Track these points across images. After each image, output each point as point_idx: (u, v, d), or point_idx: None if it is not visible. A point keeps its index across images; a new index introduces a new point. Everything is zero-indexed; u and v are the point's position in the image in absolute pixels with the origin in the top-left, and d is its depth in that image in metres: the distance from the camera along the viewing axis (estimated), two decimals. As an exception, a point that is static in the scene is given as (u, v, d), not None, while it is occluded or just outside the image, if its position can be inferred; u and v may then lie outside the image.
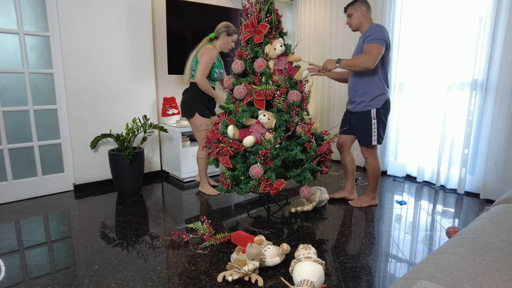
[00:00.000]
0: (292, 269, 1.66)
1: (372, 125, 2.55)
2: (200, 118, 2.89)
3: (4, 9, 2.66)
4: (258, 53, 2.39)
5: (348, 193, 2.90)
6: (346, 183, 2.91)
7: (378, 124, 2.55)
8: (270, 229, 2.32)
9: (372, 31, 2.40)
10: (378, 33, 2.38)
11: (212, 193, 3.02)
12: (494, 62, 2.80)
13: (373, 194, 2.77)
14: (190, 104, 2.88)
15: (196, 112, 2.88)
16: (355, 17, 2.54)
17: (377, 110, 2.54)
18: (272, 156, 2.23)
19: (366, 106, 2.55)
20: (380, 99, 2.53)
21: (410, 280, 0.84)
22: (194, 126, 2.94)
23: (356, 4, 2.52)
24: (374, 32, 2.39)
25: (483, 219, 1.23)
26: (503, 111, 2.76)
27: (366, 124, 2.57)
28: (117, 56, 3.17)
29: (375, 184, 2.74)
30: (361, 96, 2.56)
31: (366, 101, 2.54)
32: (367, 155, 2.66)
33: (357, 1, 2.53)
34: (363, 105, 2.56)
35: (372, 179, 2.72)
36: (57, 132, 3.03)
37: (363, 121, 2.58)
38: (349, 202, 2.82)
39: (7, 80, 2.74)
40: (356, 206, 2.76)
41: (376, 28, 2.41)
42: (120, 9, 3.12)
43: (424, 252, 2.04)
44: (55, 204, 2.81)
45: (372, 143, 2.58)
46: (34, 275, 1.77)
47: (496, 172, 2.84)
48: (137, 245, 2.10)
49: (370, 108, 2.54)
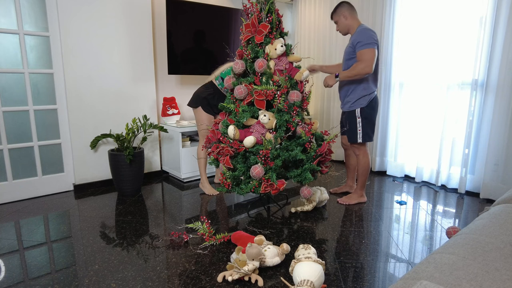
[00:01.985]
0: (292, 269, 1.66)
1: (357, 123, 2.65)
2: (202, 112, 2.91)
3: (4, 9, 2.66)
4: (258, 53, 2.39)
5: (349, 188, 3.05)
6: (347, 178, 3.07)
7: (363, 122, 2.64)
8: (270, 229, 2.32)
9: (361, 37, 2.46)
10: (367, 38, 2.44)
11: (212, 193, 3.02)
12: (494, 62, 2.80)
13: (361, 191, 2.83)
14: (197, 96, 2.93)
15: (200, 106, 2.90)
16: (340, 23, 2.64)
17: (361, 109, 2.63)
18: (273, 156, 2.23)
19: (351, 106, 2.66)
20: (365, 99, 2.62)
21: (410, 280, 0.84)
22: (196, 119, 2.99)
23: (338, 11, 2.63)
24: (363, 38, 2.45)
25: (483, 219, 1.23)
26: (503, 111, 2.76)
27: (352, 123, 2.68)
28: (117, 56, 3.17)
29: (363, 181, 2.80)
30: (348, 96, 2.68)
31: (351, 101, 2.66)
32: (358, 152, 2.75)
33: (338, 8, 2.63)
34: (348, 105, 2.68)
35: (361, 175, 2.78)
36: (57, 132, 3.03)
37: (349, 120, 2.69)
38: (338, 200, 2.85)
39: (7, 80, 2.74)
40: (344, 203, 2.80)
41: (364, 34, 2.47)
42: (120, 9, 3.12)
43: (424, 252, 2.04)
44: (55, 204, 2.81)
45: (358, 141, 2.68)
46: (34, 275, 1.77)
47: (496, 172, 2.84)
48: (137, 245, 2.10)
49: (354, 107, 2.65)
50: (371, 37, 2.44)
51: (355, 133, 2.68)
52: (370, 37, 2.44)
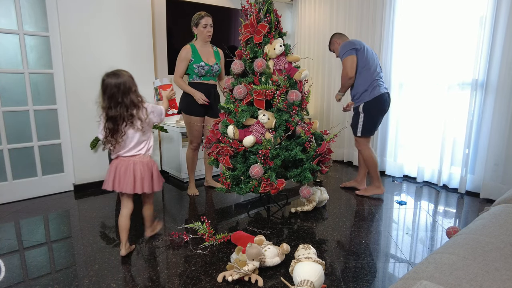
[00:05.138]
0: (292, 269, 1.66)
1: (359, 118, 2.86)
2: (183, 113, 2.90)
3: (4, 9, 2.66)
4: (257, 53, 2.39)
5: (357, 183, 3.15)
6: (358, 174, 3.18)
7: (365, 118, 2.83)
8: (270, 229, 2.32)
9: (340, 50, 2.84)
10: (343, 49, 2.80)
11: (193, 193, 3.02)
12: (494, 62, 2.80)
13: (377, 183, 2.97)
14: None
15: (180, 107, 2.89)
16: (336, 50, 3.01)
17: (365, 104, 2.82)
18: (272, 156, 2.23)
19: (357, 102, 2.90)
20: (366, 94, 2.80)
21: (410, 280, 0.84)
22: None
23: (331, 41, 3.03)
24: (341, 50, 2.83)
25: (483, 219, 1.23)
26: (503, 111, 2.76)
27: (355, 117, 2.91)
28: (117, 56, 3.17)
29: (374, 173, 2.94)
30: (353, 95, 2.93)
31: (356, 99, 2.90)
32: (358, 146, 2.97)
33: (331, 39, 3.03)
34: (355, 101, 2.93)
35: (369, 168, 2.94)
36: (57, 132, 3.03)
37: (354, 115, 2.94)
38: (356, 192, 3.06)
39: (7, 80, 2.74)
40: (362, 195, 3.00)
41: (342, 47, 2.83)
42: (120, 9, 3.12)
43: (424, 252, 2.04)
44: (55, 204, 2.81)
45: (357, 134, 2.90)
46: (34, 275, 1.77)
47: (496, 172, 2.84)
48: (137, 245, 2.10)
49: (359, 103, 2.86)
50: (348, 47, 2.77)
51: (356, 127, 2.89)
52: (347, 47, 2.77)
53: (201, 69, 2.80)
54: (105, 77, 1.81)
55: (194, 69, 2.80)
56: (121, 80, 1.80)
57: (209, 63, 2.83)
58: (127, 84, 1.82)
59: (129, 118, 1.82)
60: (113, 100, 1.79)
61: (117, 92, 1.79)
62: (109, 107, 1.80)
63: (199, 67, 2.80)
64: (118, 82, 1.79)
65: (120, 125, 1.82)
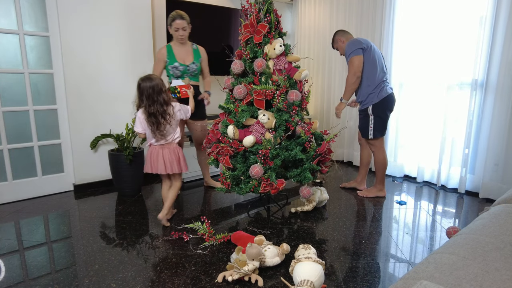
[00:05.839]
0: (292, 269, 1.66)
1: (369, 121, 2.81)
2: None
3: (4, 9, 2.66)
4: (257, 53, 2.39)
5: (357, 184, 3.15)
6: (358, 174, 3.16)
7: (375, 120, 2.79)
8: (270, 229, 2.32)
9: (346, 50, 2.76)
10: (350, 48, 2.72)
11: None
12: (494, 62, 2.80)
13: (380, 186, 2.96)
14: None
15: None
16: (340, 47, 2.96)
17: (373, 106, 2.77)
18: (272, 155, 2.23)
19: (364, 104, 2.84)
20: (374, 96, 2.76)
21: (410, 280, 0.84)
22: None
23: (335, 39, 2.97)
24: (347, 50, 2.75)
25: (483, 219, 1.23)
26: (503, 111, 2.76)
27: (364, 120, 2.86)
28: (117, 56, 3.17)
29: (381, 176, 2.94)
30: (360, 97, 2.87)
31: (363, 101, 2.84)
32: (373, 148, 2.91)
33: (334, 36, 2.97)
34: (362, 104, 2.86)
35: (378, 171, 2.93)
36: (57, 132, 3.03)
37: (363, 118, 2.88)
38: (357, 193, 3.04)
39: (7, 80, 2.74)
40: (364, 196, 2.97)
41: (348, 46, 2.75)
42: (120, 9, 3.12)
43: (424, 252, 2.04)
44: (55, 204, 2.81)
45: (369, 137, 2.84)
46: (34, 275, 1.77)
47: (496, 172, 2.84)
48: (137, 245, 2.10)
49: (367, 106, 2.81)
50: (354, 45, 2.70)
51: (366, 130, 2.85)
52: (354, 46, 2.70)
53: (175, 70, 2.77)
54: (141, 81, 2.20)
55: (169, 71, 2.78)
56: (154, 82, 2.18)
57: (185, 63, 2.77)
58: (159, 86, 2.20)
59: (163, 113, 2.20)
60: (150, 99, 2.18)
61: (152, 92, 2.18)
62: (149, 105, 2.18)
63: (173, 68, 2.76)
64: (152, 85, 2.17)
65: (159, 119, 2.21)
